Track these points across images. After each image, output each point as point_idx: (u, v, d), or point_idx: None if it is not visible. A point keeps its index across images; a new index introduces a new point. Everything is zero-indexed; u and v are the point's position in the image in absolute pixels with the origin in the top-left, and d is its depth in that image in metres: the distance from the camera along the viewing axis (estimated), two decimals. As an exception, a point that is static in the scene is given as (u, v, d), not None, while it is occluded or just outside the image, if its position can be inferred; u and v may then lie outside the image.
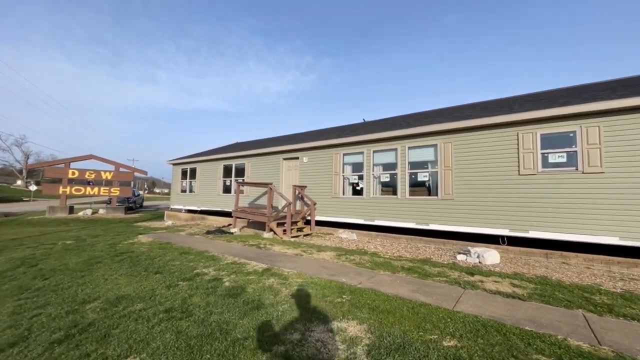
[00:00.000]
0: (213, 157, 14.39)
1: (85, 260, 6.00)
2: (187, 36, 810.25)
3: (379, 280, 4.53)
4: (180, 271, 5.02)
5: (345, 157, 9.82)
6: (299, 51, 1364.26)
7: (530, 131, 6.62)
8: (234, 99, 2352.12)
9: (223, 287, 4.24)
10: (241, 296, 3.87)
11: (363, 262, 5.73)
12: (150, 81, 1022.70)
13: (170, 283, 4.41)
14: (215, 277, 4.69)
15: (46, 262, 5.92)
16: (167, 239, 8.22)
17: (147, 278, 4.66)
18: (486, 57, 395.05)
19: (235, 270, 5.02)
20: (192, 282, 4.43)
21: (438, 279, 4.73)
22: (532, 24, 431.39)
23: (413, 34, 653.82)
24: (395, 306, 3.51)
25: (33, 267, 5.58)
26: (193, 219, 14.67)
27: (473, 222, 7.21)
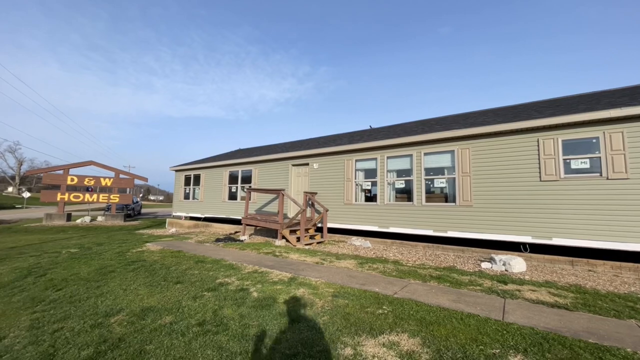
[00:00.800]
0: (218, 163, 14.17)
1: (96, 269, 5.72)
2: (183, 44, 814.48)
3: (412, 289, 4.35)
4: (201, 281, 4.78)
5: (357, 163, 9.69)
6: (295, 59, 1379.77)
7: (551, 137, 6.58)
8: (229, 106, 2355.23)
9: (251, 297, 4.02)
10: (274, 307, 3.66)
11: (388, 271, 5.54)
12: (145, 88, 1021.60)
13: (194, 294, 4.17)
14: (240, 287, 4.47)
15: (54, 271, 5.63)
16: (177, 247, 7.94)
17: (169, 288, 4.42)
18: (479, 67, 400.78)
19: (259, 280, 4.80)
20: (218, 293, 4.20)
21: (472, 287, 4.56)
22: (525, 35, 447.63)
23: (408, 45, 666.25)
24: (441, 317, 3.33)
25: (41, 276, 5.29)
26: (197, 226, 14.35)
27: (493, 229, 7.09)
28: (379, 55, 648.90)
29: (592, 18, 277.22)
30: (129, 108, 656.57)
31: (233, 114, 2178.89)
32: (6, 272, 5.69)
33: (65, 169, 17.93)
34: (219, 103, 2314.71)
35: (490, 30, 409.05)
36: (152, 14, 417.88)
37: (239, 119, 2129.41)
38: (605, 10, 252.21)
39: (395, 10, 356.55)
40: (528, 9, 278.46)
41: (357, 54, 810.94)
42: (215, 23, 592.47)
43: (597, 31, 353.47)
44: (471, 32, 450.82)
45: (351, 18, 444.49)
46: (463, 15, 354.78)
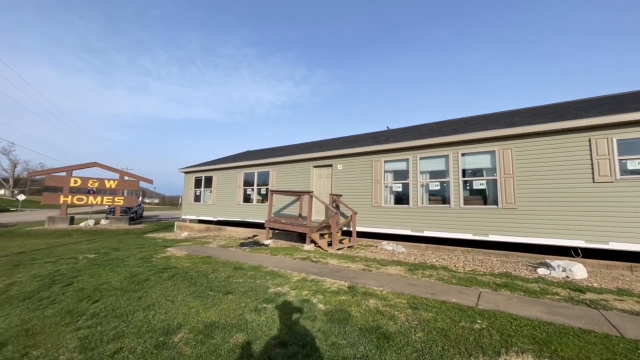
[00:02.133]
0: (232, 164, 13.71)
1: (126, 277, 5.23)
2: (180, 46, 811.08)
3: (490, 299, 3.96)
4: (253, 291, 4.33)
5: (386, 164, 9.33)
6: (292, 63, 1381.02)
7: (604, 137, 6.29)
8: (226, 108, 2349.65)
9: (319, 310, 3.59)
10: (352, 322, 3.24)
11: (446, 278, 5.15)
12: (141, 90, 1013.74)
13: (254, 306, 3.73)
14: (299, 297, 4.04)
15: (81, 279, 5.13)
16: (203, 252, 7.47)
17: (221, 300, 3.97)
18: (475, 72, 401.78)
19: (315, 289, 4.37)
20: (279, 304, 3.77)
21: (551, 296, 4.18)
22: (522, 39, 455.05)
23: (405, 49, 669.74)
24: (552, 334, 2.95)
25: (68, 286, 4.80)
26: (208, 230, 13.83)
27: (541, 232, 6.75)
28: (376, 59, 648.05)
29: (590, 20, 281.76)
30: (124, 110, 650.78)
31: (230, 117, 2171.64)
32: (26, 280, 5.18)
33: (68, 171, 17.28)
34: (215, 105, 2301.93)
35: (488, 34, 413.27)
36: (149, 15, 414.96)
37: (235, 121, 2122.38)
38: (600, 13, 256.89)
39: (393, 15, 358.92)
40: (526, 13, 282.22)
41: (354, 58, 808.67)
42: (213, 26, 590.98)
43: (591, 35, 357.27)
44: (468, 36, 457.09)
45: (349, 22, 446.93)
46: (460, 20, 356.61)
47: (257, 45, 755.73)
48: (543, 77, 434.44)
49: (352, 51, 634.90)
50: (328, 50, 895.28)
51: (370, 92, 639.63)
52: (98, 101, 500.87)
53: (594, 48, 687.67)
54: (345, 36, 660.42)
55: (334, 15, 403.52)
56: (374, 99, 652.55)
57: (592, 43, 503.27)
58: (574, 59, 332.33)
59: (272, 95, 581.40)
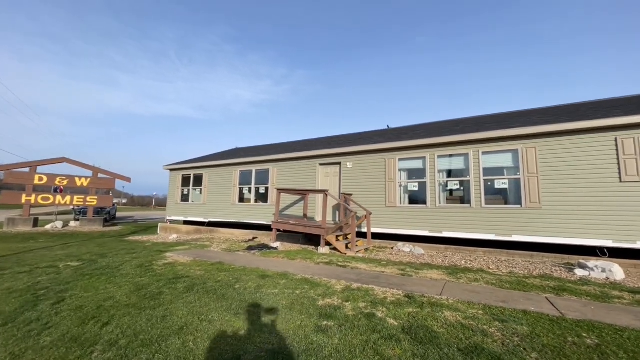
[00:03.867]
0: (226, 161, 12.75)
1: (132, 290, 4.36)
2: (154, 38, 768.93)
3: (569, 307, 3.61)
4: (299, 304, 3.69)
5: (400, 163, 8.96)
6: (272, 61, 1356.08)
7: (631, 136, 6.30)
8: (201, 105, 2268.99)
9: (392, 326, 3.04)
10: (442, 341, 2.73)
11: (495, 282, 4.80)
12: (108, 83, 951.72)
13: (312, 324, 3.10)
14: (359, 310, 3.46)
15: (74, 294, 4.20)
16: (211, 258, 6.63)
17: (269, 317, 3.29)
18: (454, 76, 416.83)
19: (371, 300, 3.81)
20: (342, 321, 3.17)
21: (618, 301, 3.93)
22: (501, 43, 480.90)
23: (387, 52, 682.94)
24: (675, 348, 2.61)
25: (60, 303, 3.87)
26: (199, 232, 12.76)
27: (567, 232, 6.66)
28: (356, 61, 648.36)
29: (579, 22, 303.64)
30: (90, 104, 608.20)
31: (205, 114, 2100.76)
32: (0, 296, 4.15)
33: (32, 167, 15.32)
34: (190, 102, 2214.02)
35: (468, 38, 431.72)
36: (118, 4, 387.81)
37: (211, 119, 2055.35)
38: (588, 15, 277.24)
39: (374, 18, 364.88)
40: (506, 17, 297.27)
41: (335, 59, 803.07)
42: (190, 20, 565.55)
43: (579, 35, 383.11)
44: (447, 40, 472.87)
45: (330, 23, 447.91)
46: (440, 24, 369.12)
47: (237, 41, 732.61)
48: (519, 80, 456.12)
49: (333, 53, 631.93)
50: (308, 50, 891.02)
51: (351, 93, 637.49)
52: (60, 93, 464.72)
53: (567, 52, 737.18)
54: (326, 38, 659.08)
55: (315, 17, 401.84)
56: (355, 100, 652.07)
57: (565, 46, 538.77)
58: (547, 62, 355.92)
59: (250, 93, 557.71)
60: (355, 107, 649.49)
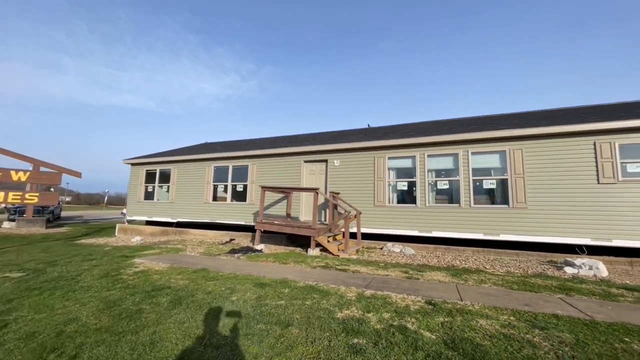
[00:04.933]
0: (198, 157, 11.68)
1: (101, 308, 3.53)
2: (106, 20, 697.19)
3: (589, 308, 3.56)
4: (315, 317, 3.19)
5: (389, 161, 8.78)
6: (239, 55, 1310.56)
7: (608, 141, 6.71)
8: (162, 97, 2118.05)
9: (430, 340, 2.70)
10: (492, 357, 2.44)
11: (502, 283, 4.72)
12: (50, 66, 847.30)
13: (343, 343, 2.65)
14: (386, 323, 3.07)
15: (21, 317, 3.28)
16: (192, 264, 5.82)
17: (287, 338, 2.76)
18: (417, 81, 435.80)
19: (394, 310, 3.44)
20: (371, 337, 2.75)
21: (623, 299, 4.02)
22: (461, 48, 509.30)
23: (351, 55, 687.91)
24: None
25: (2, 330, 2.97)
26: (166, 233, 11.54)
27: (551, 231, 6.93)
28: (325, 63, 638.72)
29: None
30: (26, 89, 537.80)
31: (165, 107, 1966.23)
32: None
33: (-48, 156, 12.75)
34: (149, 93, 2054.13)
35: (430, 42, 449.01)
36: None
37: (172, 112, 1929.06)
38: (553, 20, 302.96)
39: (345, 21, 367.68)
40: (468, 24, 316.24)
41: (304, 59, 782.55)
42: (149, 2, 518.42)
43: None
44: (411, 42, 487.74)
45: (299, 22, 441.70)
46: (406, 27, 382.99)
47: (201, 32, 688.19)
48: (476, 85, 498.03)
49: (303, 52, 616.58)
50: (278, 47, 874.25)
51: (320, 94, 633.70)
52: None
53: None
54: (296, 37, 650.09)
55: (285, 15, 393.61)
56: (324, 101, 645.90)
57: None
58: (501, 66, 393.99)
59: (216, 87, 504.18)
60: (324, 108, 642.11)
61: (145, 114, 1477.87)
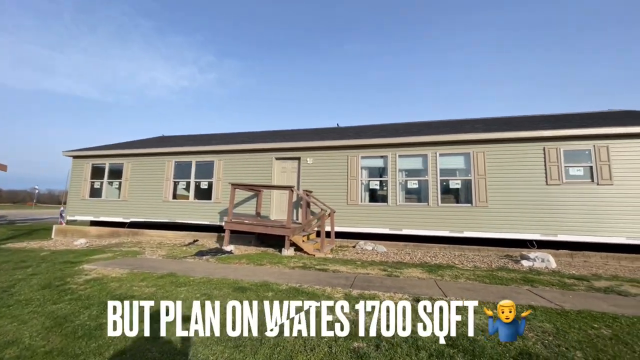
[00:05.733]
0: (156, 150, 10.67)
1: (49, 326, 2.97)
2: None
3: (555, 298, 3.89)
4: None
5: (363, 161, 8.87)
6: (198, 46, 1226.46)
7: (554, 147, 7.51)
8: (108, 85, 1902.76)
9: (431, 339, 2.70)
10: (487, 350, 2.51)
11: (473, 277, 4.99)
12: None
13: (343, 347, 2.51)
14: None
15: (-64, 344, 2.60)
16: (157, 268, 5.22)
17: (283, 345, 2.55)
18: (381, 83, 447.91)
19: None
20: (372, 339, 2.67)
21: (577, 288, 4.48)
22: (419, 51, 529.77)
23: (316, 54, 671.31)
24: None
25: None
26: (117, 235, 10.35)
27: (508, 228, 7.57)
28: (291, 60, 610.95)
29: None
30: None
31: (112, 96, 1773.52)
32: None
33: None
34: (92, 79, 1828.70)
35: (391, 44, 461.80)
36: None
37: (120, 102, 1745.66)
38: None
39: (311, 20, 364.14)
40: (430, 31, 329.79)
41: (267, 56, 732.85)
42: None
43: None
44: (372, 45, 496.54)
45: (264, 18, 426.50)
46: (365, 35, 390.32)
47: (155, 17, 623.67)
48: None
49: (266, 48, 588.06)
50: (240, 41, 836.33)
51: (284, 92, 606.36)
52: None
53: None
54: (260, 32, 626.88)
55: (249, 9, 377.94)
56: (287, 99, 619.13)
57: None
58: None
59: (171, 78, 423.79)
60: (288, 106, 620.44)
61: (89, 103, 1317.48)
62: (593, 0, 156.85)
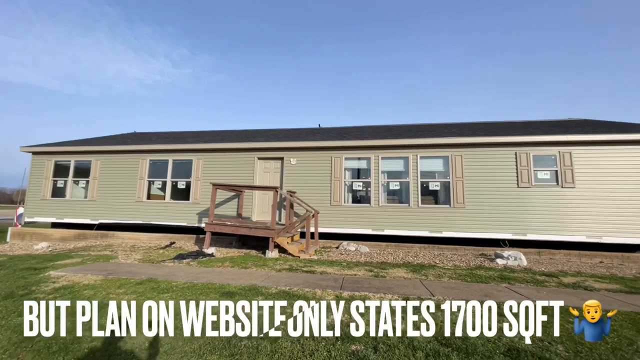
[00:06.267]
0: (130, 147, 10.07)
1: (17, 341, 2.71)
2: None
3: (535, 295, 4.15)
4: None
5: (346, 162, 8.94)
6: (171, 38, 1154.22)
7: (525, 151, 8.02)
8: (68, 76, 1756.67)
9: (427, 339, 2.77)
10: (479, 347, 2.63)
11: (455, 277, 5.20)
12: None
13: (341, 351, 2.51)
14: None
15: None
16: (134, 274, 4.91)
17: (280, 351, 2.50)
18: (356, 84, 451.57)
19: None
20: (370, 342, 2.69)
21: (549, 285, 4.81)
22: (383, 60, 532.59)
23: (294, 52, 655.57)
24: (626, 321, 3.25)
25: None
26: (83, 238, 9.64)
27: (483, 228, 7.97)
28: (264, 58, 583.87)
29: None
30: None
31: (73, 87, 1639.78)
32: None
33: None
34: (50, 69, 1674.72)
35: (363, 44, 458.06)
36: None
37: (81, 94, 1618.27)
38: None
39: (287, 19, 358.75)
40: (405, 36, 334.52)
41: (243, 52, 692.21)
42: None
43: None
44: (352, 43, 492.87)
45: (241, 13, 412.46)
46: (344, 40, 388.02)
47: (124, 4, 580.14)
48: None
49: (244, 43, 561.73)
50: (214, 35, 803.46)
51: (259, 90, 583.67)
52: None
53: None
54: (235, 26, 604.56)
55: (227, 7, 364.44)
56: (264, 97, 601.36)
57: None
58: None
59: (141, 71, 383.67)
60: (265, 104, 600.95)
61: (46, 93, 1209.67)
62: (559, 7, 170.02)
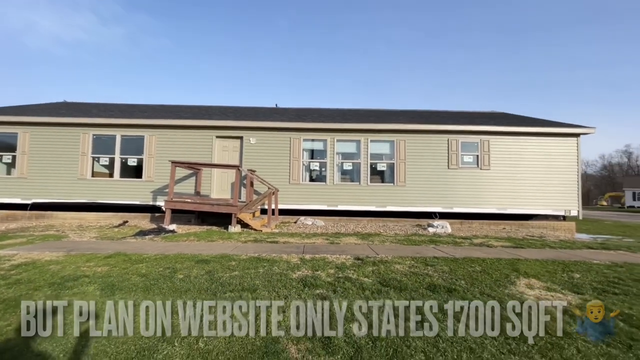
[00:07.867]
0: (70, 120, 9.16)
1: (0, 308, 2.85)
2: None
3: (452, 251, 5.37)
4: (276, 280, 3.61)
5: (305, 143, 9.50)
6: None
7: (455, 139, 9.49)
8: None
9: (372, 283, 3.63)
10: (409, 285, 3.58)
11: (396, 241, 6.30)
12: None
13: (308, 294, 3.22)
14: (336, 276, 3.82)
15: None
16: (100, 249, 4.95)
17: (260, 298, 3.11)
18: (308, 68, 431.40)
19: (336, 266, 4.23)
20: (329, 286, 3.45)
21: (464, 244, 6.18)
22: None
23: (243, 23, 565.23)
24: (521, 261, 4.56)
25: None
26: (13, 219, 8.78)
27: (420, 203, 9.37)
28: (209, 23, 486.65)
29: None
30: None
31: None
32: None
33: None
34: None
35: None
36: None
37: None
38: None
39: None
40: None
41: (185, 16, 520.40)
42: None
43: None
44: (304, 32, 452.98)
45: None
46: None
47: None
48: None
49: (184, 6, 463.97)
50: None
51: (207, 61, 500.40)
52: None
53: None
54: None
55: None
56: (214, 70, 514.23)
57: None
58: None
59: (58, 25, 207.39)
60: (215, 78, 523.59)
61: None
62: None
